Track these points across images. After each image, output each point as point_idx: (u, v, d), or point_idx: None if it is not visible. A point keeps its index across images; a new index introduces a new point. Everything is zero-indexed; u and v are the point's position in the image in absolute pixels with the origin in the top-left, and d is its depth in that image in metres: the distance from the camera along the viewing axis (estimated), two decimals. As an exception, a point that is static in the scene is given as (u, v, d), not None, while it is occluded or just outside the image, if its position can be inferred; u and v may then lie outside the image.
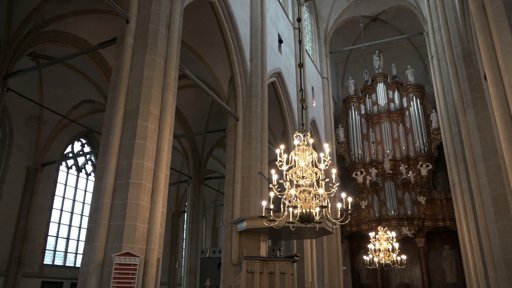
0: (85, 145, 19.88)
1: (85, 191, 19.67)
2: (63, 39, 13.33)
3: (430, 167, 22.13)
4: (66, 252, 18.23)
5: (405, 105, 23.70)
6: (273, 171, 6.26)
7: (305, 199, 5.88)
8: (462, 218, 16.21)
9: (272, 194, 6.08)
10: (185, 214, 22.90)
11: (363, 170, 23.42)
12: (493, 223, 10.04)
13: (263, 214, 6.21)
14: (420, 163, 22.24)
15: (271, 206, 6.08)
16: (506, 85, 6.56)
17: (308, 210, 5.82)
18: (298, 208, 5.84)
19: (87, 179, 19.84)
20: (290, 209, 5.86)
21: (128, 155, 8.01)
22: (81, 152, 19.51)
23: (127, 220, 7.56)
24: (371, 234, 14.10)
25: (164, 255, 14.56)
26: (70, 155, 18.98)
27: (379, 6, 24.97)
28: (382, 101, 24.10)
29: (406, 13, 24.23)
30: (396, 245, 14.07)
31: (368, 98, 24.64)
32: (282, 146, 6.29)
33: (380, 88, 24.35)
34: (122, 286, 7.15)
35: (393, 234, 14.34)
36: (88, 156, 19.98)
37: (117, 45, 9.11)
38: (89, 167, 20.09)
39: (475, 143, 11.07)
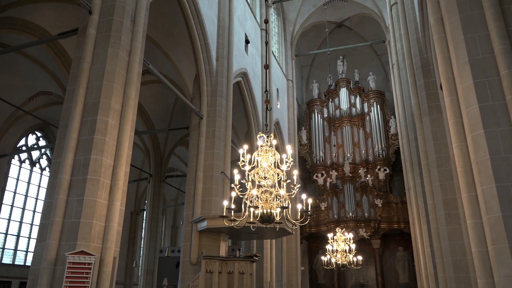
0: (40, 139, 19.04)
1: (39, 186, 18.84)
2: (20, 26, 12.68)
3: (388, 171, 22.89)
4: (15, 250, 17.39)
5: (366, 110, 24.37)
6: (235, 171, 6.25)
7: (266, 200, 5.91)
8: (416, 221, 16.83)
9: (233, 194, 6.07)
10: (145, 212, 22.44)
11: (324, 172, 23.89)
12: (444, 226, 10.50)
13: (224, 214, 6.20)
14: (378, 167, 22.95)
15: (232, 206, 6.08)
16: (460, 95, 6.86)
17: (269, 210, 5.86)
18: (259, 208, 5.86)
19: (41, 174, 19.02)
20: (251, 209, 5.88)
21: (86, 150, 7.75)
22: (35, 146, 18.66)
23: (83, 217, 7.32)
24: (330, 235, 14.36)
25: (121, 254, 14.23)
26: (24, 148, 18.12)
27: (345, 12, 25.59)
28: (344, 105, 24.66)
29: (370, 21, 24.97)
30: (353, 246, 14.42)
31: (331, 102, 25.14)
32: (246, 146, 6.29)
33: (343, 92, 24.90)
34: (75, 286, 6.90)
35: (351, 235, 14.66)
36: (43, 150, 19.15)
37: (78, 36, 8.79)
38: (43, 162, 19.26)
39: (429, 149, 11.53)
